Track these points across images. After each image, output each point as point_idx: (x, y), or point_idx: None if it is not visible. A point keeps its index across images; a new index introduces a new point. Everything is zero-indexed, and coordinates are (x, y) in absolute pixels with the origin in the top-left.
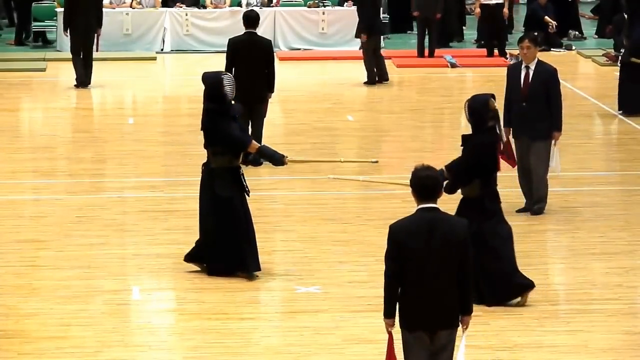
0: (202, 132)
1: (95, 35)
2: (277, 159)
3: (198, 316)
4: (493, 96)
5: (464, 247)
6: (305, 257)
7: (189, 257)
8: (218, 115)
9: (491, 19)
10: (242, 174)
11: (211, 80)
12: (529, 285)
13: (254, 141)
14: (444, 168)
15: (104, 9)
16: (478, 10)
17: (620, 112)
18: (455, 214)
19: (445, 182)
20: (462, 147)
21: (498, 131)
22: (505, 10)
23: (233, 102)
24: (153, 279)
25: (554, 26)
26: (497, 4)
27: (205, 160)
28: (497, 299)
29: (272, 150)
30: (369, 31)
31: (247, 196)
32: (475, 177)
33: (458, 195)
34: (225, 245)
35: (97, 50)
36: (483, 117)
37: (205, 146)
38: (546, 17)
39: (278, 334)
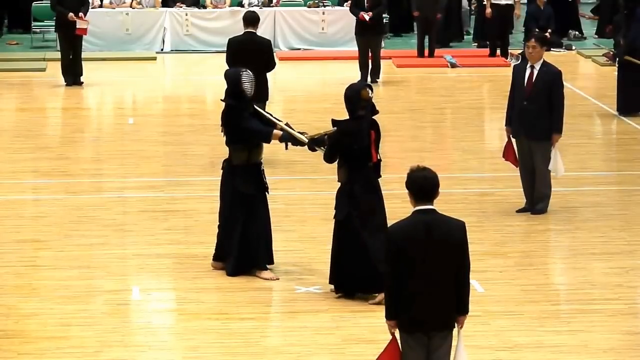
0: (222, 128)
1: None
2: (300, 141)
3: (198, 316)
4: (370, 87)
5: (461, 249)
6: (305, 257)
7: (215, 258)
8: (238, 111)
9: (500, 19)
10: (263, 171)
11: (230, 77)
12: None
13: (275, 130)
14: (326, 136)
15: (104, 9)
16: (489, 10)
17: (618, 112)
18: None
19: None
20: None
21: (371, 119)
22: (517, 11)
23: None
24: (153, 279)
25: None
26: (507, 4)
27: (224, 157)
28: (355, 288)
29: (293, 134)
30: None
31: (267, 193)
32: (342, 162)
33: (452, 196)
34: (244, 243)
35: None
36: (354, 105)
37: (227, 143)
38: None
39: (278, 334)
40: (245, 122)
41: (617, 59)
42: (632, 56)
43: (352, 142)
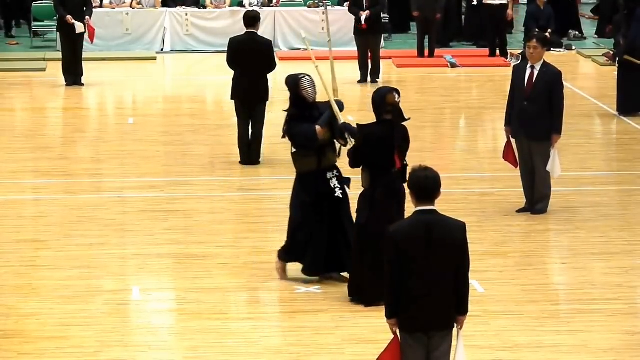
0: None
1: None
2: (328, 116)
3: (198, 316)
4: (397, 91)
5: (461, 249)
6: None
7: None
8: (295, 119)
9: (495, 19)
10: (335, 177)
11: (290, 84)
12: None
13: (317, 127)
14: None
15: (104, 9)
16: None
17: (618, 112)
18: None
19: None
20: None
21: (397, 125)
22: (510, 11)
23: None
24: (153, 279)
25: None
26: (500, 4)
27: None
28: (363, 299)
29: (326, 113)
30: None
31: (340, 197)
32: (365, 166)
33: (452, 196)
34: (296, 245)
35: (91, 42)
36: (380, 109)
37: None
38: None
39: (278, 334)
40: (294, 128)
41: (617, 59)
42: (632, 56)
43: (375, 147)
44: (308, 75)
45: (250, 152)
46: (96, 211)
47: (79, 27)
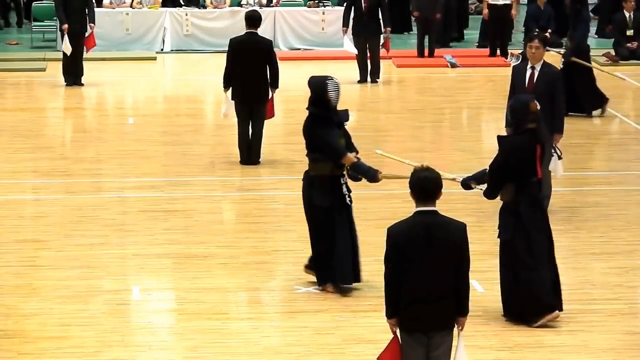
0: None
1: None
2: (371, 175)
3: (198, 316)
4: (535, 98)
5: (461, 251)
6: (305, 257)
7: (306, 267)
8: (319, 121)
9: (498, 20)
10: (345, 183)
11: (315, 85)
12: (554, 306)
13: (349, 154)
14: (486, 169)
15: (104, 9)
16: (486, 11)
17: (585, 114)
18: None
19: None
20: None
21: (538, 134)
22: (514, 11)
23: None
24: (153, 279)
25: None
26: (504, 4)
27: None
28: (522, 317)
29: (367, 167)
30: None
31: (349, 204)
32: (508, 181)
33: (452, 197)
34: (320, 256)
35: (86, 51)
36: (522, 118)
37: (306, 153)
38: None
39: (278, 334)
40: (327, 135)
41: (563, 60)
42: (579, 57)
43: (526, 158)
44: (334, 79)
45: (250, 152)
46: (96, 211)
47: (67, 47)
